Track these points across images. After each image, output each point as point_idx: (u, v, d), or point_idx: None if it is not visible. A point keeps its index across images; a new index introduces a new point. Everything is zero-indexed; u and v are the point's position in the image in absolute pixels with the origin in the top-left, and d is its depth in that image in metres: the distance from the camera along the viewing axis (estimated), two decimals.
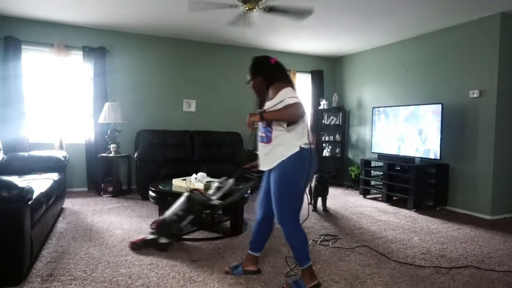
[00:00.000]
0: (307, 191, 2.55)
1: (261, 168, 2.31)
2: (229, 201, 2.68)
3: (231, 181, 2.81)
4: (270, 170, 2.27)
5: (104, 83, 5.32)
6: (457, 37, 4.73)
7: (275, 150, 2.19)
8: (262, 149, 2.30)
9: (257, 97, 2.42)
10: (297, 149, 2.14)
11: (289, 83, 2.24)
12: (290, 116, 2.10)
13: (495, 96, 4.28)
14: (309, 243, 2.45)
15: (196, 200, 2.48)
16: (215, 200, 2.60)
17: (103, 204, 4.52)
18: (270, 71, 2.29)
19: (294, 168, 2.15)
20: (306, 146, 2.17)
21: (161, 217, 2.51)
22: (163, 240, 2.45)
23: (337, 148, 6.75)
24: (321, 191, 4.42)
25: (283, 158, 2.15)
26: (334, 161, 6.74)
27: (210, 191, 2.77)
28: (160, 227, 2.44)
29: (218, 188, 2.76)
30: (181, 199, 2.51)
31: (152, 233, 2.48)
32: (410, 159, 4.92)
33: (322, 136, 6.73)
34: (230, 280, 2.40)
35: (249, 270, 2.48)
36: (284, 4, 3.69)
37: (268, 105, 2.19)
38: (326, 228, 3.73)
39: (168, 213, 2.48)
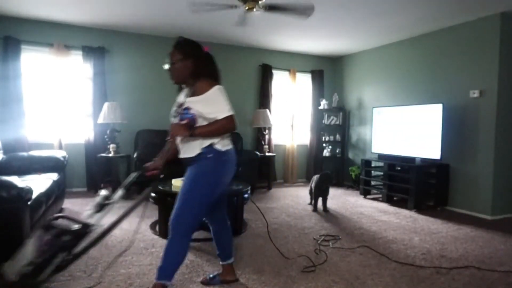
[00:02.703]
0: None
1: (181, 155, 2.09)
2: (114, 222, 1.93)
3: (120, 193, 2.05)
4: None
5: (103, 83, 5.31)
6: (457, 37, 4.73)
7: (193, 140, 1.99)
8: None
9: (174, 83, 2.12)
10: (216, 149, 1.99)
11: (217, 80, 2.06)
12: (225, 132, 1.98)
13: (495, 96, 4.28)
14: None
15: (63, 229, 1.74)
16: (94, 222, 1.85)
17: None
18: (201, 59, 2.06)
19: (212, 171, 1.99)
20: (224, 149, 2.03)
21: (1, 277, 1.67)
22: None
23: (337, 148, 6.75)
24: (324, 190, 4.41)
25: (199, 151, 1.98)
26: (334, 161, 6.74)
27: (88, 212, 1.91)
28: None
29: (101, 206, 1.93)
30: (34, 239, 1.74)
31: None
32: (411, 159, 4.91)
33: (323, 136, 6.73)
34: None
35: (227, 280, 2.35)
36: (283, 2, 3.66)
37: (191, 100, 1.99)
38: (326, 228, 3.72)
39: (14, 266, 1.69)
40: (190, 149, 2.02)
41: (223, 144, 2.03)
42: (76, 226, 1.75)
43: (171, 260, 1.98)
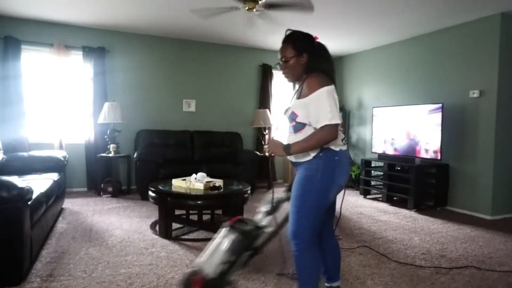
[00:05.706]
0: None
1: (290, 158, 1.89)
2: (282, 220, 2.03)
3: (283, 195, 2.10)
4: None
5: (104, 83, 5.32)
6: (457, 37, 4.73)
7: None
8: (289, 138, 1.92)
9: (289, 81, 1.96)
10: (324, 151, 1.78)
11: (330, 74, 1.82)
12: (323, 144, 1.73)
13: (495, 96, 4.28)
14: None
15: (249, 232, 1.85)
16: (266, 224, 1.99)
17: (103, 204, 4.52)
18: (316, 51, 1.85)
19: (323, 173, 1.76)
20: (338, 148, 1.81)
21: (196, 273, 1.80)
22: None
23: None
24: None
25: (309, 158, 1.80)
26: None
27: (258, 217, 2.04)
28: None
29: (267, 212, 2.06)
30: (223, 238, 1.86)
31: None
32: (410, 159, 4.92)
33: None
34: None
35: None
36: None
37: (296, 104, 1.81)
38: None
39: (209, 264, 1.82)
40: (300, 154, 1.79)
41: (336, 143, 1.79)
42: (249, 228, 1.87)
43: (306, 276, 1.81)
